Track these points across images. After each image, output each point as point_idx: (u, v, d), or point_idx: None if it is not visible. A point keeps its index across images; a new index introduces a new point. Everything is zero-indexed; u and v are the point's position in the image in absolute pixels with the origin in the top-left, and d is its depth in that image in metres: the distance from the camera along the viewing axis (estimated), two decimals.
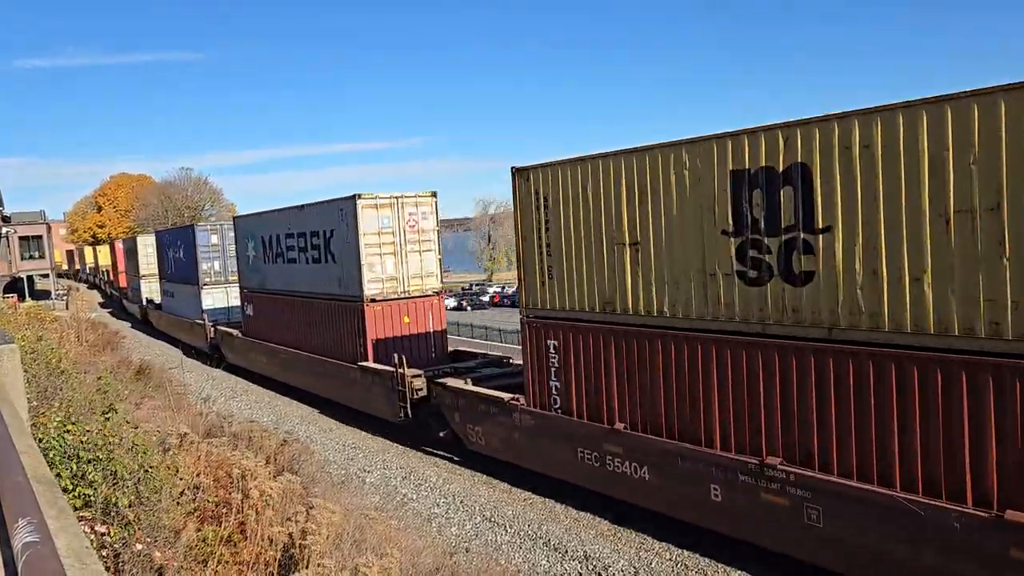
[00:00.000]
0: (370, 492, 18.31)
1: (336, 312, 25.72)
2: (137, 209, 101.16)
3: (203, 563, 8.94)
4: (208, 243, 40.26)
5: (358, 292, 24.20)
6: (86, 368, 21.38)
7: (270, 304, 31.23)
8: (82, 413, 10.69)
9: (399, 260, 24.58)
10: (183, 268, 43.25)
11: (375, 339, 24.14)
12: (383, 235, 24.24)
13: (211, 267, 40.36)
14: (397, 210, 24.51)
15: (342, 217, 24.54)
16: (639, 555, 14.27)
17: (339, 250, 25.07)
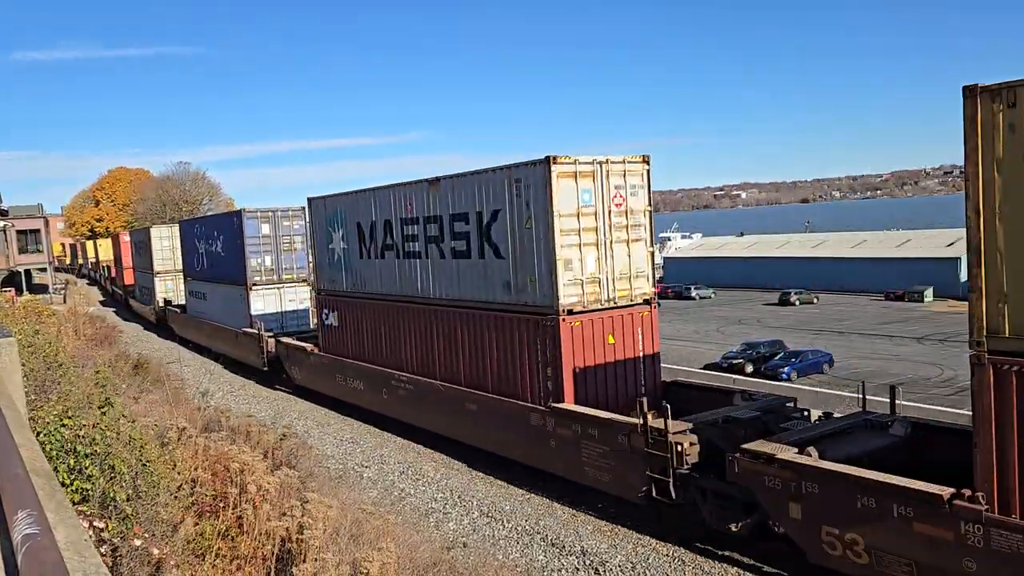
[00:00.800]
0: (368, 487, 18.34)
1: (502, 328, 18.32)
2: (135, 203, 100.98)
3: (201, 557, 8.96)
4: (258, 234, 33.04)
5: (548, 300, 16.92)
6: (84, 362, 21.38)
7: (369, 313, 24.05)
8: (80, 407, 10.70)
9: (602, 254, 17.34)
10: (221, 264, 36.14)
11: (574, 368, 16.90)
12: (583, 217, 16.98)
13: (261, 263, 33.31)
14: (600, 181, 17.19)
15: (519, 191, 17.40)
16: (636, 550, 14.32)
17: (509, 239, 17.82)
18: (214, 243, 37.16)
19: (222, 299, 36.41)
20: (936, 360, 35.96)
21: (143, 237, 53.07)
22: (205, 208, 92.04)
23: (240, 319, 33.68)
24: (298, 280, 33.98)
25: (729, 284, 74.40)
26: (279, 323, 32.83)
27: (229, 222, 35.20)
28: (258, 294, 33.30)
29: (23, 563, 2.60)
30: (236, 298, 34.20)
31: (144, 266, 53.05)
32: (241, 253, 33.29)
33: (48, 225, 78.23)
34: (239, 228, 33.42)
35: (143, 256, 53.18)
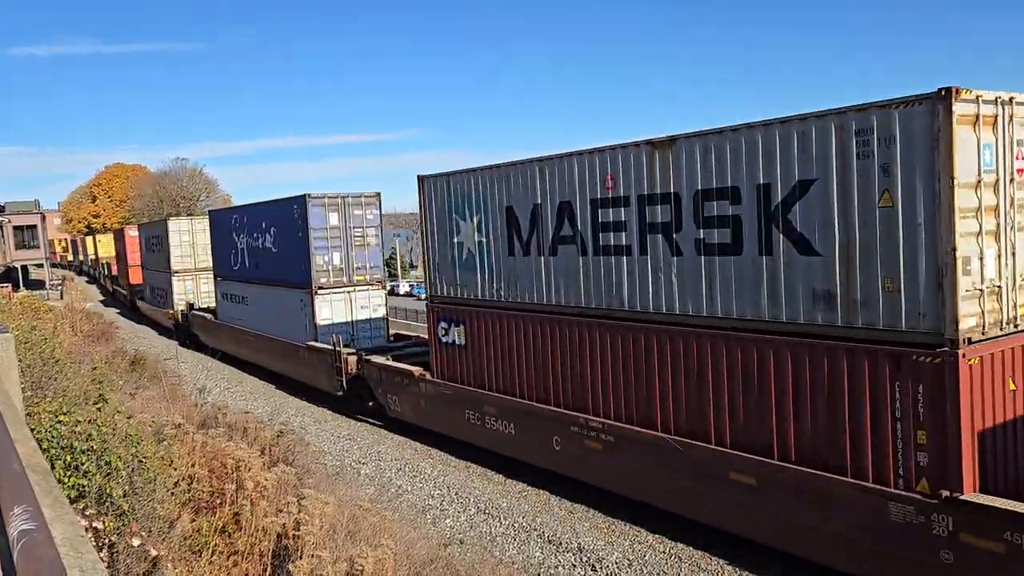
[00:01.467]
0: (365, 483, 18.34)
1: (815, 363, 11.69)
2: (132, 199, 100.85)
3: (197, 553, 8.96)
4: (325, 225, 27.35)
5: (931, 323, 10.36)
6: (80, 358, 21.36)
7: (525, 330, 17.28)
8: (76, 403, 10.69)
9: (1002, 247, 10.83)
10: (272, 263, 30.30)
11: (976, 432, 10.31)
12: (984, 189, 10.47)
13: (328, 262, 27.48)
14: (1001, 130, 10.66)
15: (864, 149, 10.85)
16: (632, 547, 14.34)
17: (836, 225, 11.27)
18: (261, 237, 31.20)
19: (273, 305, 30.36)
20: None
21: (158, 231, 47.11)
22: (202, 205, 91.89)
23: (300, 330, 27.98)
24: (371, 282, 28.52)
25: None
26: (348, 335, 27.05)
27: (286, 211, 28.61)
28: (324, 299, 27.25)
29: (19, 559, 2.60)
30: (294, 304, 28.47)
31: (158, 264, 47.19)
32: (304, 249, 27.34)
33: (45, 221, 78.04)
34: (301, 218, 27.36)
35: (157, 253, 47.43)
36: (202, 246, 42.70)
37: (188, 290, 43.98)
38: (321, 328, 27.11)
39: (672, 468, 14.01)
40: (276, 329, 30.06)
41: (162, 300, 47.05)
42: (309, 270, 27.18)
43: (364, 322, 27.92)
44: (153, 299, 50.39)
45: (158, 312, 48.37)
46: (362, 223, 28.00)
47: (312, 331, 27.26)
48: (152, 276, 50.24)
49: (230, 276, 35.06)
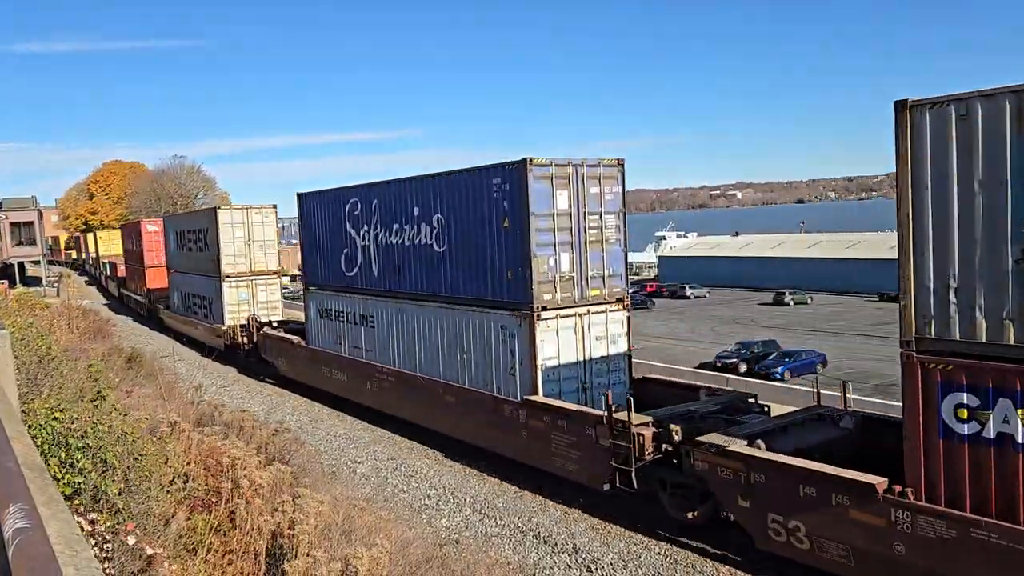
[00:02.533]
0: (361, 483, 18.33)
1: None
2: (129, 196, 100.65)
3: (192, 551, 8.95)
4: (551, 208, 17.83)
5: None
6: (77, 355, 21.32)
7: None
8: (72, 401, 10.68)
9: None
10: (433, 268, 20.92)
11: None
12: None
13: (554, 267, 17.97)
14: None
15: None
16: (628, 548, 14.34)
17: None
18: (411, 229, 21.42)
19: (433, 332, 20.98)
20: None
21: (200, 224, 37.92)
22: (200, 203, 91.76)
23: (499, 374, 18.74)
24: (610, 300, 18.59)
25: (724, 283, 74.51)
26: (580, 381, 18.28)
27: (476, 187, 18.87)
28: (547, 327, 17.79)
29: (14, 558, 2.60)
30: (487, 334, 18.99)
31: (199, 266, 38.13)
32: (514, 247, 17.93)
33: (42, 218, 77.89)
34: (511, 197, 17.76)
35: (197, 251, 38.41)
36: (260, 243, 35.59)
37: (242, 299, 35.03)
38: (545, 372, 17.66)
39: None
40: (441, 369, 20.72)
41: (203, 311, 38.29)
42: (526, 281, 17.44)
43: (600, 361, 18.47)
44: (186, 309, 41.25)
45: (197, 326, 38.98)
46: (599, 206, 18.02)
47: (529, 377, 17.72)
48: (185, 281, 41.03)
49: (338, 286, 25.58)
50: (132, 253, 56.14)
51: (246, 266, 35.69)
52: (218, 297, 35.79)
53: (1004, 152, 9.64)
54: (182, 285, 42.21)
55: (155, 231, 50.07)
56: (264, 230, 35.75)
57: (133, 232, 55.58)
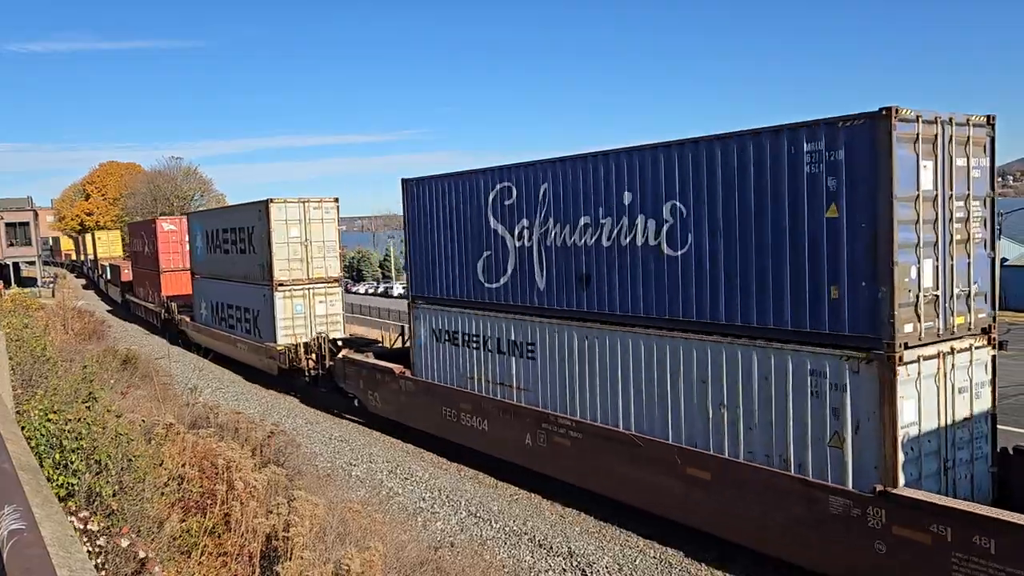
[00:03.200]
0: (356, 485, 18.30)
1: None
2: (125, 197, 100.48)
3: (187, 554, 8.93)
4: (913, 189, 11.18)
5: None
6: (72, 356, 21.28)
7: None
8: (67, 401, 10.65)
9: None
10: (651, 277, 14.48)
11: None
12: None
13: (916, 279, 11.22)
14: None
15: None
16: (623, 552, 14.34)
17: None
18: (618, 222, 15.10)
19: (669, 373, 14.26)
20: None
21: (243, 222, 31.34)
22: (196, 204, 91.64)
23: (817, 450, 11.95)
24: (975, 331, 12.14)
25: None
26: (941, 457, 11.77)
27: (774, 151, 12.23)
28: (908, 375, 11.24)
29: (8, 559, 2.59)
30: (779, 378, 12.41)
31: (240, 272, 31.86)
32: (856, 247, 11.30)
33: (37, 218, 77.73)
34: (864, 164, 11.12)
35: (237, 255, 32.26)
36: (319, 244, 29.69)
37: (297, 312, 29.14)
38: (905, 445, 11.24)
39: None
40: (679, 429, 14.13)
41: (244, 326, 32.16)
42: (877, 303, 11.11)
43: (963, 425, 12.03)
44: (218, 322, 35.27)
45: (236, 344, 32.64)
46: (966, 186, 11.95)
47: (876, 454, 11.19)
48: (219, 289, 34.88)
49: (472, 301, 19.24)
50: (142, 255, 49.93)
51: (302, 272, 29.31)
52: (267, 310, 29.39)
53: None
54: (213, 294, 35.59)
55: (173, 230, 44.62)
56: (324, 229, 29.84)
57: (145, 232, 48.96)
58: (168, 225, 45.85)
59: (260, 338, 30.38)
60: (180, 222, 45.07)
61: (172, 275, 44.52)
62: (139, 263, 52.36)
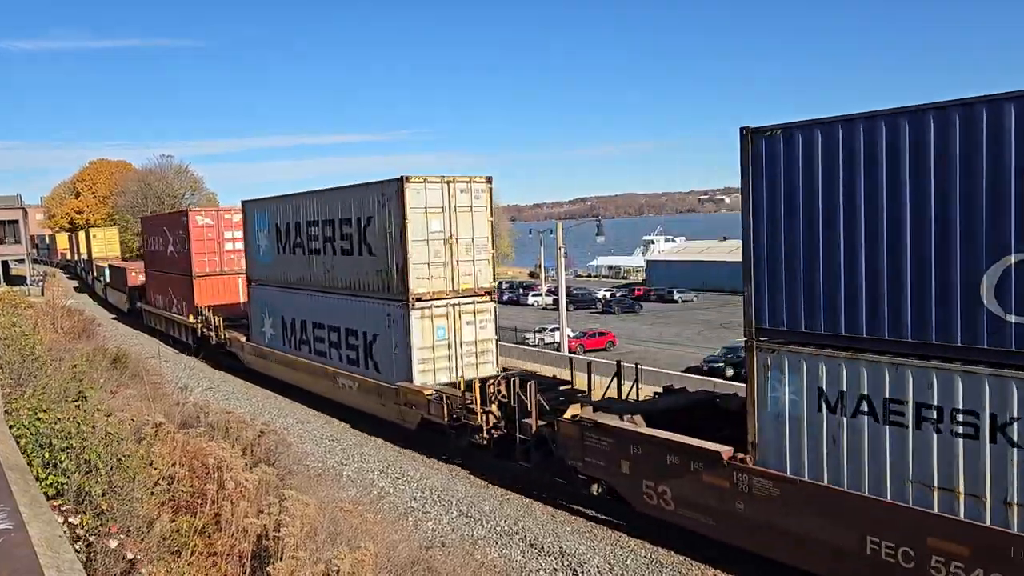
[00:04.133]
0: (347, 485, 18.26)
1: None
2: (116, 196, 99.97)
3: (177, 554, 8.89)
4: None
5: None
6: (61, 355, 21.16)
7: None
8: (56, 400, 10.59)
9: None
10: None
11: None
12: None
13: None
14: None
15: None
16: (614, 552, 14.36)
17: None
18: None
19: None
20: None
21: (360, 208, 22.74)
22: (187, 203, 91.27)
23: None
24: None
25: (712, 288, 74.80)
26: None
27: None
28: None
29: None
30: None
31: (344, 279, 23.94)
32: None
33: (27, 216, 77.28)
34: None
35: (337, 256, 24.17)
36: (466, 242, 21.49)
37: (440, 338, 21.25)
38: None
39: None
40: None
41: (349, 355, 24.04)
42: None
43: None
44: (294, 345, 27.27)
45: (337, 380, 24.52)
46: None
47: None
48: (295, 302, 26.95)
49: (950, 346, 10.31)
50: (163, 256, 41.69)
51: (447, 282, 20.93)
52: (395, 335, 21.30)
53: None
54: (287, 307, 27.32)
55: (209, 225, 37.04)
56: (473, 221, 21.15)
57: (169, 227, 40.36)
58: (203, 218, 37.29)
59: (380, 373, 22.14)
60: (216, 215, 37.91)
61: (208, 281, 36.78)
62: (157, 264, 43.29)
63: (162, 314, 42.52)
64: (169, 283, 40.81)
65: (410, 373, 20.82)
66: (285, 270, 27.56)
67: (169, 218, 42.28)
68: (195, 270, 36.89)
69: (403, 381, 21.06)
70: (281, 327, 28.40)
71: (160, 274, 42.98)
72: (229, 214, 37.23)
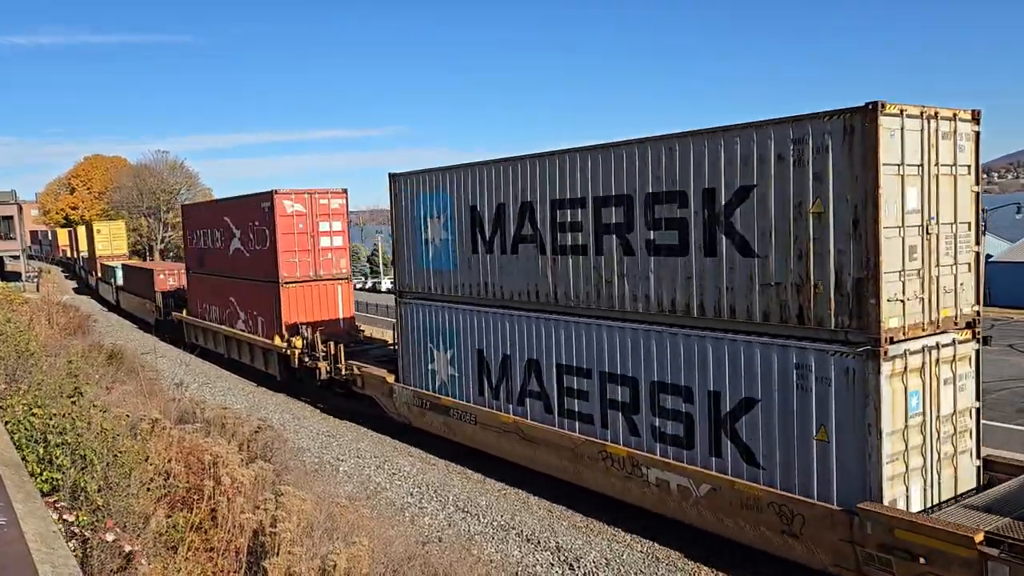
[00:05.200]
0: (344, 481, 18.26)
1: None
2: (111, 191, 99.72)
3: (173, 549, 8.88)
4: None
5: None
6: (56, 351, 21.11)
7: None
8: (52, 396, 10.57)
9: None
10: None
11: None
12: None
13: None
14: None
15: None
16: (611, 547, 14.38)
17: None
18: None
19: None
20: None
21: (778, 148, 11.56)
22: (182, 198, 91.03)
23: None
24: None
25: None
26: None
27: None
28: None
29: None
30: None
31: (752, 305, 12.14)
32: None
33: (22, 212, 77.03)
34: None
35: (676, 255, 13.35)
36: (956, 230, 11.80)
37: (913, 411, 11.29)
38: None
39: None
40: None
41: (672, 429, 13.81)
42: None
43: None
44: (515, 399, 17.30)
45: (640, 477, 14.28)
46: None
47: None
48: (519, 334, 17.04)
49: None
50: (220, 255, 32.03)
51: (922, 307, 11.38)
52: (829, 405, 11.43)
53: None
54: (492, 337, 17.90)
55: (299, 213, 27.39)
56: (956, 190, 11.78)
57: (237, 216, 30.45)
58: (293, 203, 27.40)
59: (764, 472, 12.35)
60: (309, 200, 27.58)
61: (298, 290, 27.50)
62: (209, 265, 33.51)
63: (220, 331, 32.69)
64: (233, 291, 31.10)
65: (871, 483, 11.00)
66: (489, 279, 17.80)
67: (238, 205, 30.59)
68: (283, 274, 26.98)
69: (852, 497, 11.11)
70: (474, 368, 18.58)
71: (215, 279, 32.91)
72: (325, 198, 27.74)
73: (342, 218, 25.67)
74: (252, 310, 29.84)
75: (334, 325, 27.35)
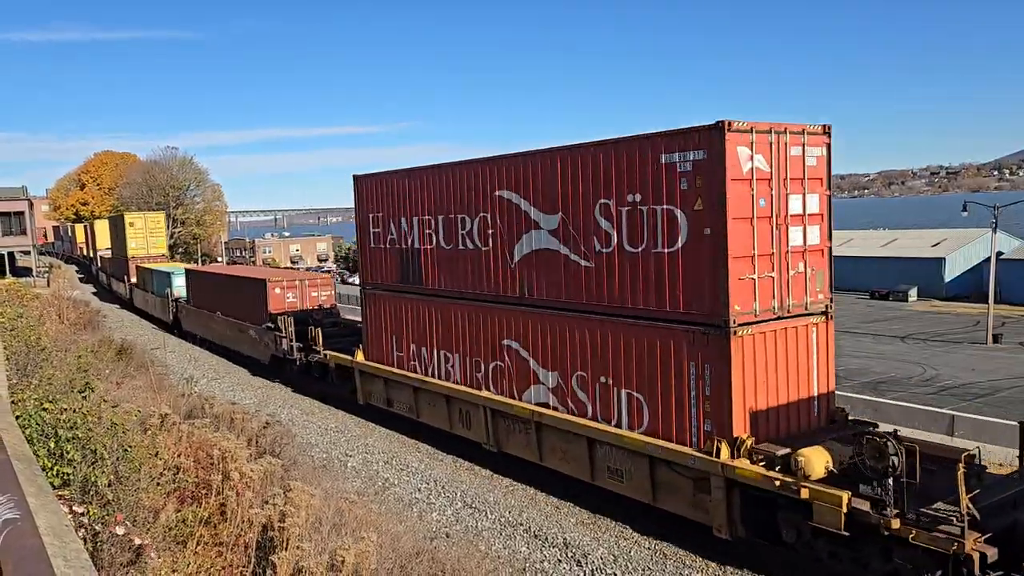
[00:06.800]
0: (352, 476, 18.32)
1: None
2: (121, 187, 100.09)
3: (182, 543, 8.93)
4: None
5: None
6: (67, 346, 21.23)
7: None
8: (62, 391, 10.64)
9: None
10: None
11: None
12: None
13: None
14: None
15: None
16: (618, 543, 14.39)
17: None
18: None
19: None
20: (919, 359, 36.29)
21: None
22: (192, 194, 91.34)
23: None
24: None
25: None
26: None
27: None
28: None
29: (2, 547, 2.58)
30: None
31: None
32: None
33: (32, 207, 77.42)
34: None
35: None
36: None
37: None
38: None
39: None
40: None
41: None
42: None
43: None
44: None
45: None
46: None
47: None
48: None
49: None
50: (468, 259, 18.76)
51: None
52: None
53: None
54: None
55: (761, 174, 13.32)
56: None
57: (541, 182, 16.33)
58: (753, 154, 13.27)
59: None
60: (776, 145, 13.53)
61: (756, 339, 13.48)
62: (444, 276, 19.86)
63: (500, 407, 17.99)
64: (520, 328, 17.45)
65: None
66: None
67: (545, 157, 16.47)
68: (733, 307, 13.21)
69: None
70: None
71: (462, 305, 19.28)
72: (798, 145, 14.07)
73: (820, 186, 14.41)
74: (613, 377, 15.25)
75: (803, 412, 14.40)
